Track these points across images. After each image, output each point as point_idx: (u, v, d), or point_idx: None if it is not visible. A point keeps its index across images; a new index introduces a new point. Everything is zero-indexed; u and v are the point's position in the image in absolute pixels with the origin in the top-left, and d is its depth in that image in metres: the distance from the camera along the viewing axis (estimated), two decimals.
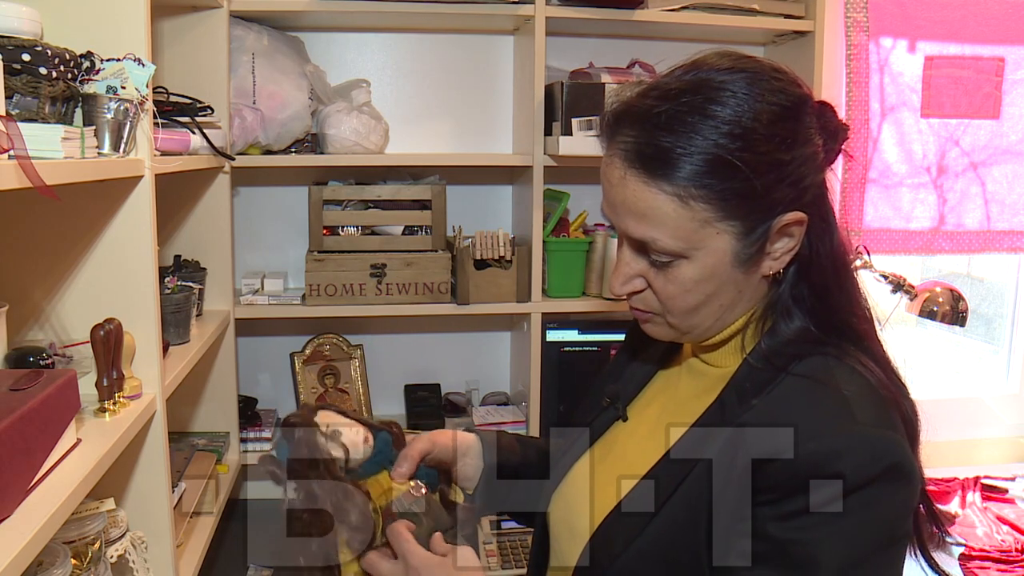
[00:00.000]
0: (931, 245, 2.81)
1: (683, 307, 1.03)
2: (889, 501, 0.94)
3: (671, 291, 1.02)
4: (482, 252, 2.30)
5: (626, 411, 1.20)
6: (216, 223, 2.17)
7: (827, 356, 1.02)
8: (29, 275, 1.40)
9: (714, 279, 1.01)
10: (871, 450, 0.93)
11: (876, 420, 0.96)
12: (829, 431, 0.94)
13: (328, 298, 2.29)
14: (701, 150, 0.94)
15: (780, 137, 0.96)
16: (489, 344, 2.69)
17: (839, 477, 0.91)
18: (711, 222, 0.97)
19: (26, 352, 1.31)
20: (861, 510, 0.92)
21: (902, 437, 0.97)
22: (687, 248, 0.98)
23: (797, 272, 1.04)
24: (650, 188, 0.97)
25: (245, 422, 2.38)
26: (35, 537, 0.91)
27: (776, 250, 1.01)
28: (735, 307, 1.05)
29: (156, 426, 1.45)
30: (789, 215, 0.99)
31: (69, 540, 1.21)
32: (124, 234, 1.41)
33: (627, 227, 1.01)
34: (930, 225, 2.79)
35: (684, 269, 1.00)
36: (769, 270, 1.03)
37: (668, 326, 1.07)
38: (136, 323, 1.40)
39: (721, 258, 0.99)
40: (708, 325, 1.06)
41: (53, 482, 1.05)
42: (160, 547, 1.50)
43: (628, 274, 1.05)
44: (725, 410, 1.04)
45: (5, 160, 0.90)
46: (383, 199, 2.36)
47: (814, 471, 0.92)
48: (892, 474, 0.93)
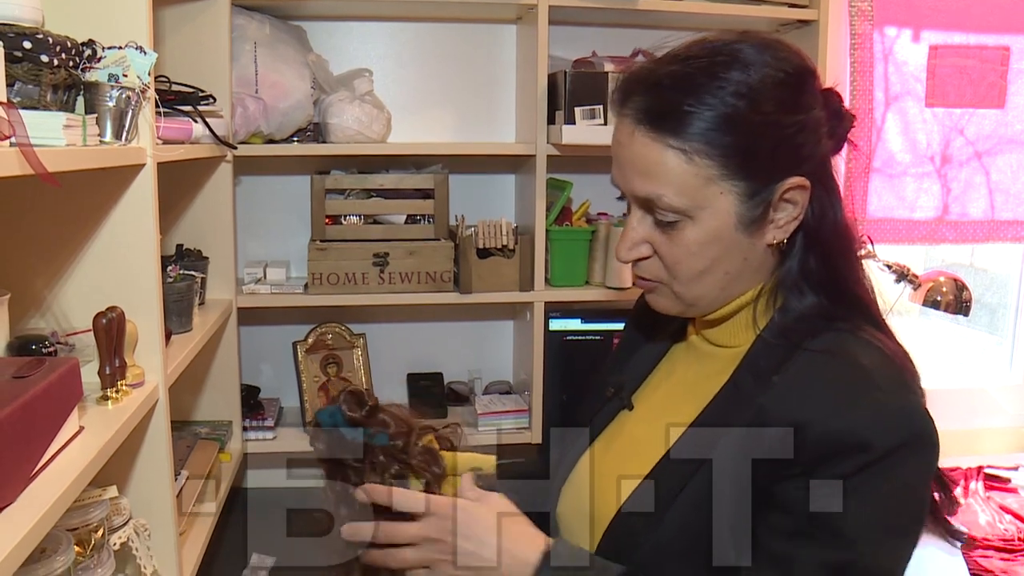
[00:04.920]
0: (935, 235, 2.80)
1: (689, 272, 1.04)
2: (914, 468, 0.95)
3: (676, 254, 1.03)
4: (485, 241, 2.30)
5: (631, 400, 1.20)
6: (218, 212, 2.17)
7: (840, 331, 1.03)
8: (31, 264, 1.40)
9: (718, 242, 1.02)
10: (896, 419, 0.94)
11: (898, 388, 0.98)
12: (853, 403, 0.95)
13: (331, 287, 2.29)
14: (707, 106, 0.97)
15: (784, 101, 0.99)
16: (492, 333, 2.69)
17: (866, 447, 0.92)
18: (715, 180, 0.99)
19: (28, 340, 1.31)
20: (888, 478, 0.93)
21: (923, 402, 0.98)
22: (692, 206, 1.00)
23: (804, 244, 1.05)
24: (656, 143, 0.99)
25: (248, 411, 2.38)
26: (38, 524, 0.91)
27: (780, 218, 1.03)
28: (741, 277, 1.05)
29: (159, 414, 1.45)
30: (792, 179, 1.00)
31: (72, 527, 1.21)
32: (126, 222, 1.40)
33: (633, 186, 1.03)
34: (934, 215, 2.79)
35: (689, 231, 1.01)
36: (774, 239, 1.04)
37: (674, 296, 1.08)
38: (138, 311, 1.40)
39: (725, 220, 1.01)
40: (714, 296, 1.06)
41: (56, 470, 1.05)
42: (163, 535, 1.50)
43: (634, 239, 1.06)
44: (740, 390, 1.04)
45: (7, 147, 0.90)
46: (386, 188, 2.35)
47: (840, 444, 0.93)
48: (917, 441, 0.95)
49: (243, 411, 2.34)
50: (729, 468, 1.01)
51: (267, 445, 2.38)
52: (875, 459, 0.92)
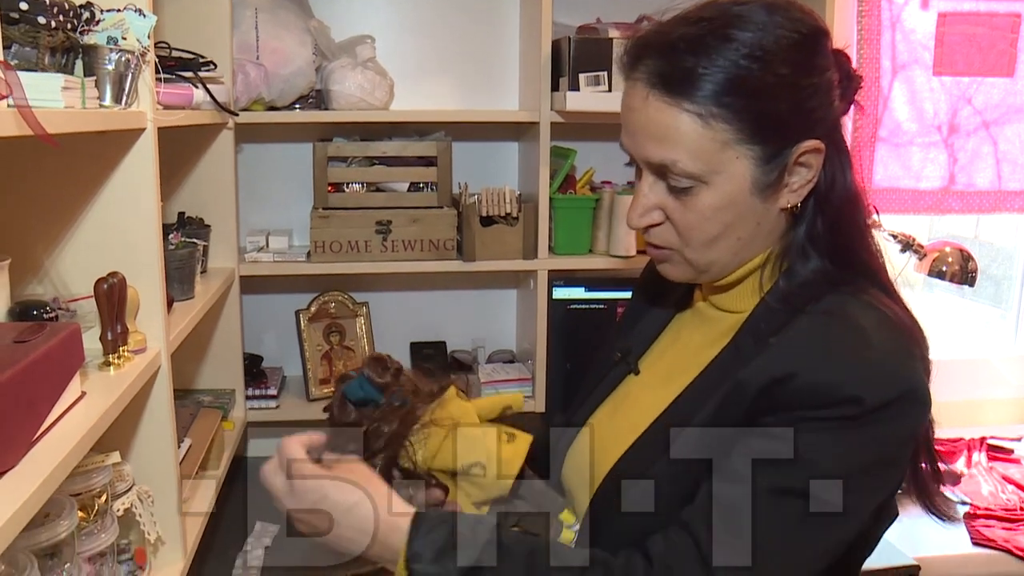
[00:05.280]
0: (941, 205, 2.78)
1: (702, 238, 1.03)
2: (900, 423, 0.95)
3: (690, 220, 1.02)
4: (488, 209, 2.28)
5: (637, 364, 1.20)
6: (220, 180, 2.16)
7: (843, 294, 1.02)
8: (31, 230, 1.39)
9: (733, 208, 1.01)
10: (888, 376, 0.94)
11: (893, 347, 0.97)
12: (846, 357, 0.95)
13: (333, 255, 2.28)
14: (722, 69, 0.96)
15: (798, 63, 0.98)
16: (495, 302, 2.68)
17: (856, 400, 0.92)
18: (731, 144, 0.98)
19: (29, 305, 1.30)
20: (871, 427, 0.93)
21: (919, 365, 0.97)
22: (707, 171, 0.99)
23: (814, 209, 1.04)
24: (672, 108, 0.97)
25: (250, 380, 2.38)
26: (40, 488, 0.91)
27: (794, 182, 1.02)
28: (753, 242, 1.05)
29: (161, 381, 1.44)
30: (807, 143, 0.99)
31: (75, 493, 1.21)
32: (127, 187, 1.39)
33: (647, 152, 1.01)
34: (940, 185, 2.76)
35: (703, 196, 1.00)
36: (787, 203, 1.03)
37: (686, 263, 1.07)
38: (140, 277, 1.39)
39: (740, 185, 1.00)
40: (726, 261, 1.06)
41: (58, 434, 1.04)
42: (166, 502, 1.50)
43: (646, 206, 1.05)
44: (740, 352, 1.04)
45: (4, 107, 0.88)
46: (388, 156, 2.34)
47: (831, 394, 0.93)
48: (908, 398, 0.94)
49: (246, 380, 2.34)
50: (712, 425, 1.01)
51: (270, 414, 2.38)
52: (863, 412, 0.92)
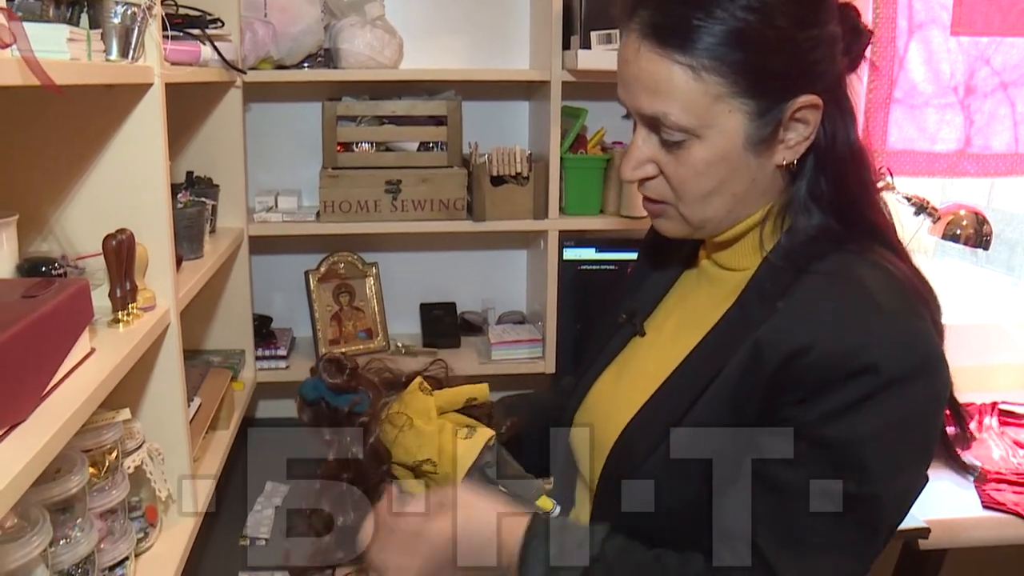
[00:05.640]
0: (956, 168, 2.74)
1: (695, 193, 1.01)
2: (924, 394, 0.93)
3: (683, 175, 1.00)
4: (499, 168, 2.26)
5: (643, 326, 1.19)
6: (228, 139, 2.14)
7: (848, 253, 1.00)
8: (37, 186, 1.38)
9: (726, 162, 0.99)
10: (902, 340, 0.92)
11: (903, 310, 0.95)
12: (856, 324, 0.93)
13: (343, 215, 2.27)
14: (717, 20, 0.93)
15: (797, 16, 0.95)
16: (505, 262, 2.67)
17: (872, 368, 0.90)
18: (723, 98, 0.95)
19: (38, 262, 1.29)
20: (898, 404, 0.91)
21: (930, 326, 0.95)
22: (699, 125, 0.96)
23: (815, 165, 1.02)
24: (664, 59, 0.95)
25: (260, 340, 2.38)
26: (51, 440, 0.90)
27: (790, 138, 0.99)
28: (749, 198, 1.03)
29: (170, 338, 1.43)
30: (803, 98, 0.97)
31: (86, 449, 1.21)
32: (134, 144, 1.37)
33: (640, 103, 0.99)
34: (955, 147, 2.72)
35: (696, 150, 0.98)
36: (783, 160, 1.00)
37: (680, 218, 1.05)
38: (148, 235, 1.38)
39: (733, 139, 0.97)
40: (721, 217, 1.04)
41: (68, 389, 1.04)
42: (177, 460, 1.51)
43: (640, 158, 1.03)
44: (747, 312, 1.02)
45: (8, 56, 0.87)
46: (398, 115, 2.31)
47: (845, 366, 0.91)
48: (924, 366, 0.93)
49: (255, 341, 2.34)
50: (729, 394, 1.00)
51: (279, 375, 2.39)
52: (882, 384, 0.90)
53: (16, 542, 0.95)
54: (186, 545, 1.48)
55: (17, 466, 0.83)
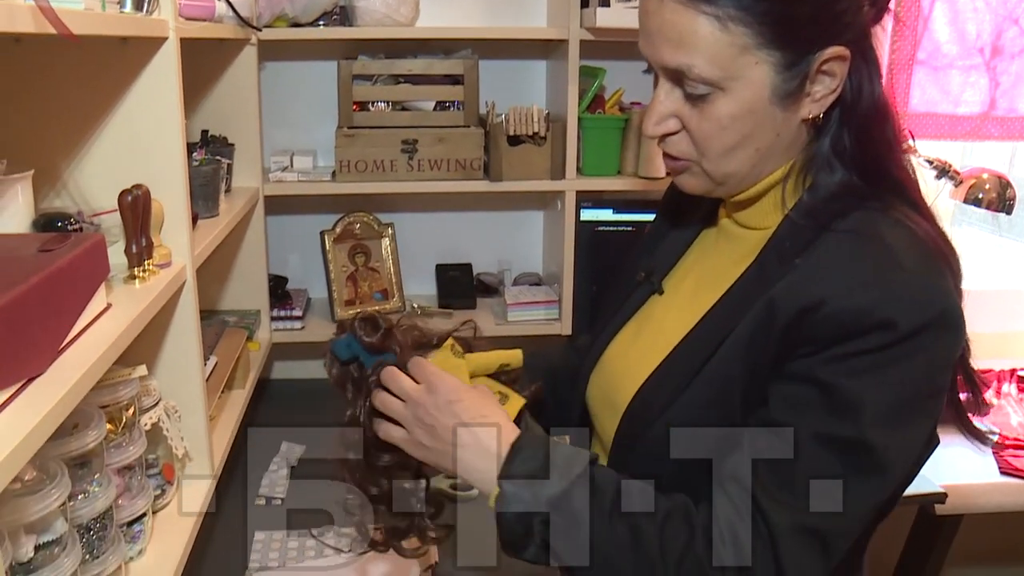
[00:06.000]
0: (979, 131, 2.70)
1: (719, 148, 0.99)
2: (936, 349, 0.91)
3: (707, 129, 0.98)
4: (516, 128, 2.24)
5: (661, 284, 1.17)
6: (243, 98, 2.13)
7: (870, 210, 0.98)
8: (51, 141, 1.37)
9: (751, 116, 0.96)
10: (920, 297, 0.90)
11: (924, 268, 0.93)
12: (876, 280, 0.91)
13: (359, 174, 2.25)
14: None
15: None
16: (522, 223, 2.65)
17: (890, 324, 0.88)
18: (749, 49, 0.93)
19: (54, 218, 1.28)
20: (909, 357, 0.89)
21: (951, 284, 0.94)
22: (724, 77, 0.94)
23: (839, 120, 0.99)
24: (689, 10, 0.92)
25: (275, 301, 2.37)
26: (68, 393, 0.90)
27: (816, 91, 0.97)
28: (773, 154, 1.00)
29: (187, 295, 1.43)
30: (831, 49, 0.94)
31: (103, 405, 1.21)
32: (149, 99, 1.36)
33: (663, 56, 0.97)
34: (980, 110, 2.68)
35: (720, 104, 0.96)
36: (809, 113, 0.98)
37: (703, 174, 1.03)
38: (164, 191, 1.37)
39: (759, 92, 0.95)
40: (744, 173, 1.01)
41: (85, 344, 1.03)
42: (193, 418, 1.51)
43: (662, 113, 1.00)
44: (765, 271, 1.00)
45: (21, 2, 0.85)
46: (414, 74, 2.29)
47: (861, 320, 0.89)
48: (941, 322, 0.90)
49: (270, 301, 2.34)
50: (742, 352, 0.98)
51: (295, 335, 2.38)
52: (898, 339, 0.88)
53: (35, 495, 0.95)
54: (203, 503, 1.49)
55: (35, 418, 0.83)
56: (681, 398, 1.02)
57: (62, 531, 1.01)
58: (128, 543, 1.27)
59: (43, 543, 0.98)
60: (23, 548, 0.95)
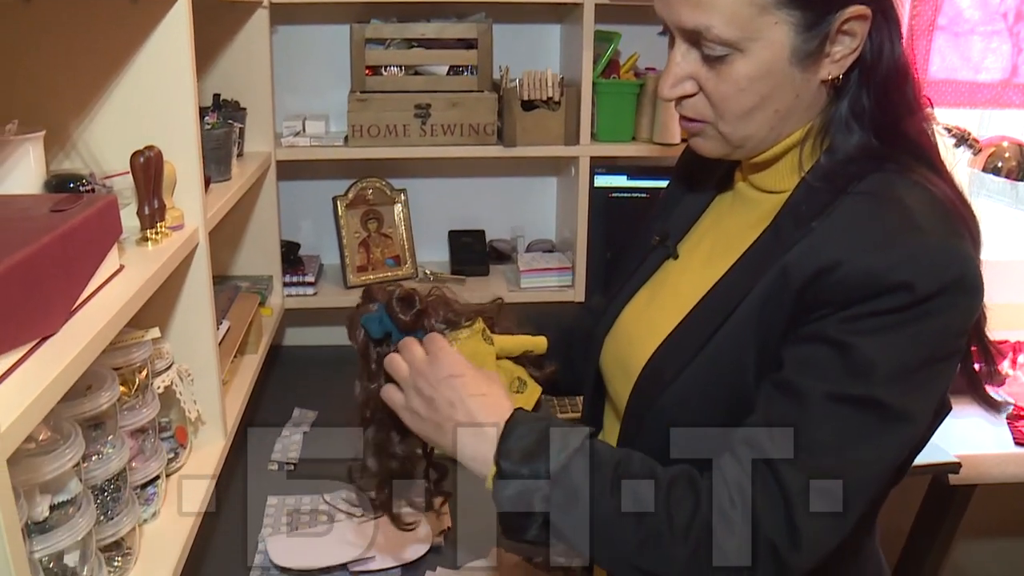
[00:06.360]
0: (1000, 99, 2.66)
1: (737, 110, 0.98)
2: (953, 313, 0.90)
3: (724, 91, 0.97)
4: (530, 92, 2.22)
5: (676, 249, 1.16)
6: (255, 62, 2.11)
7: (888, 172, 0.96)
8: (62, 102, 1.35)
9: (770, 78, 0.95)
10: (939, 259, 0.89)
11: (943, 229, 0.91)
12: (893, 242, 0.89)
13: (371, 139, 2.24)
14: None
15: None
16: (535, 190, 2.63)
17: (907, 286, 0.87)
18: (769, 8, 0.91)
19: (66, 178, 1.27)
20: (926, 319, 0.88)
21: (970, 247, 0.92)
22: (743, 38, 0.92)
23: (859, 80, 0.97)
24: None
25: (288, 267, 2.37)
26: (82, 353, 0.89)
27: (836, 52, 0.95)
28: (791, 115, 0.99)
29: (199, 258, 1.42)
30: (852, 8, 0.92)
31: (116, 367, 1.21)
32: (160, 60, 1.34)
33: (680, 17, 0.95)
34: (1001, 77, 2.64)
35: (739, 65, 0.94)
36: (828, 74, 0.96)
37: (719, 137, 1.02)
38: (176, 153, 1.36)
39: (778, 53, 0.93)
40: (762, 136, 1.00)
41: (97, 304, 1.03)
42: (206, 382, 1.50)
43: (679, 75, 0.99)
44: (780, 235, 0.99)
45: None
46: (427, 38, 2.27)
47: (878, 283, 0.88)
48: (959, 285, 0.89)
49: (283, 267, 2.33)
50: (755, 316, 0.97)
51: (307, 301, 2.38)
52: (915, 301, 0.87)
53: (49, 455, 0.95)
54: (216, 467, 1.49)
55: (48, 377, 0.82)
56: (694, 363, 1.02)
57: (76, 491, 1.01)
58: (142, 505, 1.28)
59: (58, 503, 0.98)
60: (38, 507, 0.95)
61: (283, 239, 2.35)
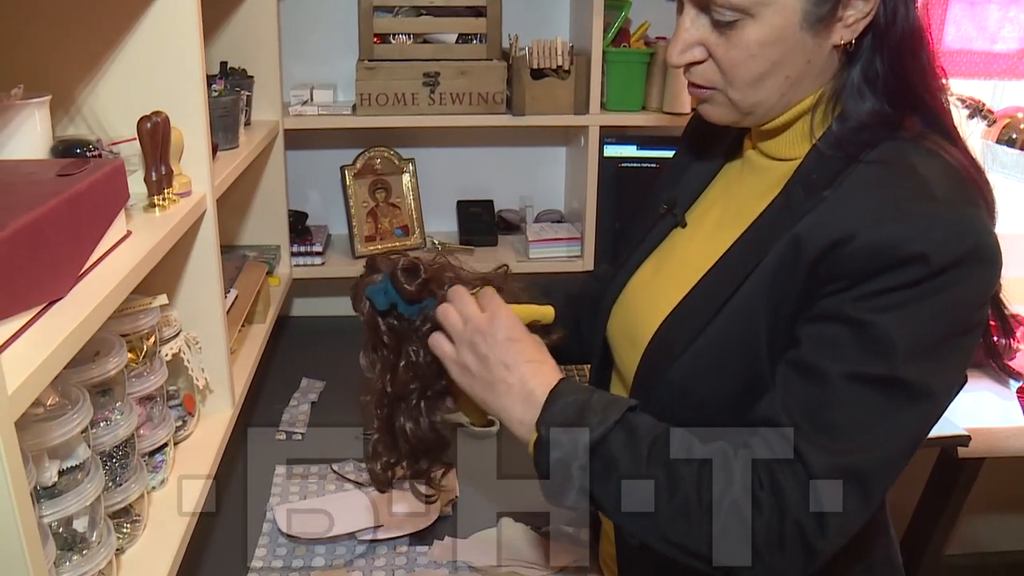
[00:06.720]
0: (1016, 69, 2.62)
1: (747, 76, 0.96)
2: (970, 284, 0.89)
3: (734, 57, 0.95)
4: (539, 61, 2.20)
5: (684, 217, 1.15)
6: (262, 29, 2.10)
7: (901, 140, 0.95)
8: (66, 67, 1.34)
9: (781, 43, 0.93)
10: (954, 229, 0.87)
11: (957, 198, 0.90)
12: (907, 212, 0.88)
13: (379, 107, 2.22)
14: None
15: None
16: (544, 159, 2.61)
17: (922, 258, 0.86)
18: None
19: (73, 144, 1.26)
20: (943, 292, 0.87)
21: (985, 216, 0.91)
22: (753, 3, 0.91)
23: (872, 45, 0.96)
24: None
25: (295, 236, 2.36)
26: (89, 317, 0.89)
27: (849, 16, 0.93)
28: (802, 82, 0.97)
29: (207, 225, 1.41)
30: None
31: (124, 333, 1.20)
32: (167, 24, 1.32)
33: None
34: (1018, 47, 2.60)
35: (749, 30, 0.93)
36: (841, 39, 0.95)
37: (729, 104, 1.00)
38: (183, 119, 1.34)
39: (789, 18, 0.92)
40: (772, 102, 0.99)
41: (105, 270, 1.02)
42: (214, 350, 1.50)
43: (688, 41, 0.98)
44: (791, 204, 0.98)
45: None
46: (436, 5, 2.24)
47: (892, 254, 0.87)
48: (976, 255, 0.88)
49: (291, 237, 2.32)
50: (766, 287, 0.97)
51: (315, 271, 2.37)
52: (930, 274, 0.86)
53: (57, 420, 0.95)
54: (224, 435, 1.49)
55: (55, 341, 0.82)
56: (704, 334, 1.01)
57: (85, 457, 1.01)
58: (150, 472, 1.28)
59: (66, 468, 0.98)
60: (47, 472, 0.95)
61: (291, 209, 2.34)
